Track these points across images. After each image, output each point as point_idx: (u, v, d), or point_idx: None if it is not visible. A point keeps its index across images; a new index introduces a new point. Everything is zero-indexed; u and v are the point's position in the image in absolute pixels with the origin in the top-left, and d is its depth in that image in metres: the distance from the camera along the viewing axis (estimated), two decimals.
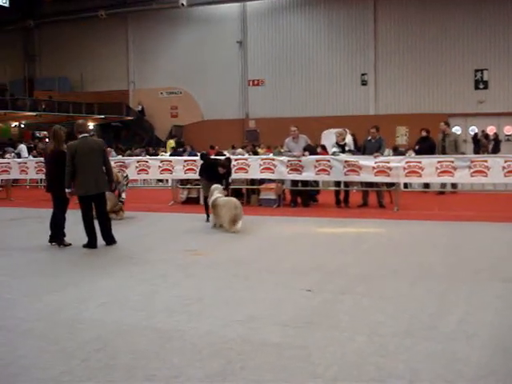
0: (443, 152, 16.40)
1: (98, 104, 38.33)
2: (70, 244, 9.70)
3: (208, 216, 12.13)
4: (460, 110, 31.62)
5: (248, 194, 15.98)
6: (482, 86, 31.73)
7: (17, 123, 37.85)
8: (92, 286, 7.07)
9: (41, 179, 18.20)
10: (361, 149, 15.47)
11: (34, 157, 20.86)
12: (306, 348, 4.78)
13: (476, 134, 30.08)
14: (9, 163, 18.71)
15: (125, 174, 14.24)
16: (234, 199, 11.31)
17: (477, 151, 27.67)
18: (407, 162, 13.84)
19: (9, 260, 8.77)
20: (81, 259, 8.92)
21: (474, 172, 13.14)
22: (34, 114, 35.48)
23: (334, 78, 34.70)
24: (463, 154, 17.48)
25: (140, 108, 39.53)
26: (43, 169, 13.13)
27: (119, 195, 13.50)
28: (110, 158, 13.79)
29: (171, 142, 28.68)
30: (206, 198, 12.44)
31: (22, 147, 24.34)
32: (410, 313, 5.65)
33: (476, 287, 6.60)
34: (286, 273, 7.53)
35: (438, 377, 4.14)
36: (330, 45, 34.75)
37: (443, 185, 15.75)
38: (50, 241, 9.83)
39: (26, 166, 18.37)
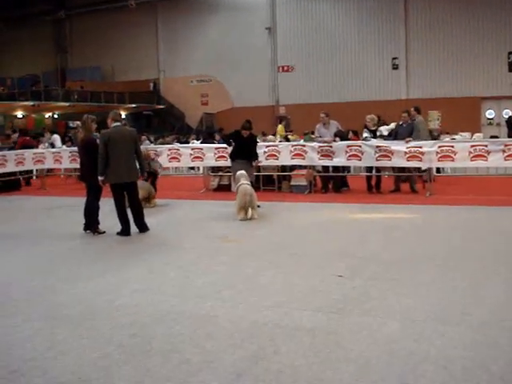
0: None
1: (130, 93, 38.59)
2: (104, 232, 9.85)
3: None
4: (493, 93, 31.05)
5: (279, 181, 15.98)
6: None
7: (50, 114, 38.31)
8: (126, 272, 7.18)
9: (75, 168, 18.42)
10: (392, 134, 15.31)
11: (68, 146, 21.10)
12: (339, 333, 4.80)
13: (510, 118, 29.53)
14: (43, 153, 18.98)
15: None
16: (247, 186, 11.07)
17: (510, 135, 27.19)
18: (440, 147, 13.69)
19: (46, 248, 8.94)
20: (115, 247, 9.06)
21: (508, 156, 12.94)
22: (67, 104, 35.86)
23: (365, 63, 34.33)
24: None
25: (152, 86, 39.58)
26: (77, 158, 13.29)
27: (154, 177, 13.75)
28: (143, 146, 13.97)
29: (281, 128, 26.17)
30: None
31: (56, 137, 24.58)
32: (443, 299, 5.63)
33: (509, 274, 6.53)
34: (317, 259, 7.55)
35: (472, 363, 4.13)
36: (360, 29, 34.35)
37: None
38: (85, 229, 9.99)
39: (60, 155, 18.63)
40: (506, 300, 5.55)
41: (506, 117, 29.93)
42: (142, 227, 9.86)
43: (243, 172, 11.53)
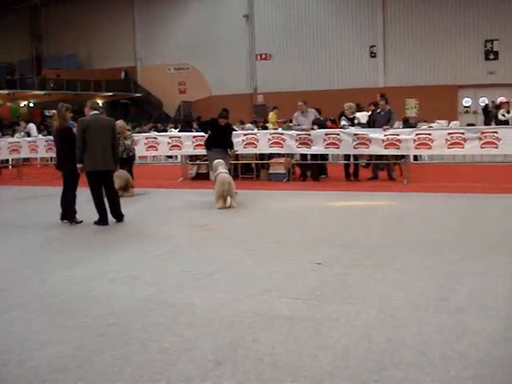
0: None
1: (106, 81, 38.22)
2: (82, 221, 9.77)
3: None
4: (470, 81, 31.27)
5: (257, 169, 15.97)
6: (492, 57, 31.33)
7: (26, 102, 37.82)
8: (104, 262, 7.13)
9: (51, 157, 18.24)
10: (370, 122, 15.35)
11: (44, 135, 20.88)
12: (317, 321, 4.81)
13: (486, 106, 29.78)
14: (19, 142, 18.76)
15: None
16: (225, 175, 11.12)
17: (487, 123, 27.44)
18: (417, 135, 13.77)
19: (22, 238, 8.85)
20: (92, 236, 8.99)
21: (485, 143, 13.06)
22: (43, 92, 35.42)
23: (343, 51, 34.36)
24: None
25: (124, 74, 39.29)
26: (53, 147, 13.15)
27: (130, 165, 13.63)
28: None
29: (272, 115, 24.93)
30: None
31: (32, 126, 24.33)
32: (421, 285, 5.67)
33: (487, 260, 6.59)
34: (296, 246, 7.56)
35: (450, 348, 4.16)
36: (338, 17, 34.34)
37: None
38: (62, 218, 9.90)
39: (36, 144, 18.42)
40: (483, 286, 5.60)
41: (483, 105, 30.21)
42: (118, 217, 9.79)
43: (221, 161, 11.53)
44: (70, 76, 37.92)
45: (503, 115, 20.55)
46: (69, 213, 9.81)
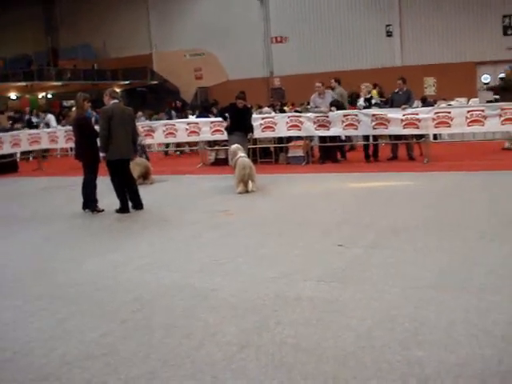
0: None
1: (123, 70, 38.32)
2: (103, 210, 9.84)
3: None
4: (489, 57, 30.84)
5: (276, 153, 15.94)
6: (510, 32, 30.86)
7: (44, 94, 38.08)
8: (127, 249, 7.20)
9: (71, 148, 18.36)
10: (388, 101, 15.25)
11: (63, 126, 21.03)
12: (340, 302, 4.83)
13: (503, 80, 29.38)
14: (38, 133, 18.91)
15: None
16: (246, 159, 11.14)
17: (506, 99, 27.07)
18: (436, 113, 13.65)
19: (46, 228, 8.95)
20: (115, 224, 9.07)
21: (505, 120, 12.91)
22: (60, 83, 35.64)
23: (359, 31, 34.04)
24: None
25: None
26: (72, 137, 13.25)
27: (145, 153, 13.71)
28: (138, 123, 13.92)
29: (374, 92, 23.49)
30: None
31: (50, 117, 24.48)
32: (443, 265, 5.65)
33: (507, 239, 6.55)
34: (317, 229, 7.56)
35: (473, 326, 4.16)
36: None
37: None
38: (84, 208, 9.98)
39: (56, 135, 18.55)
40: (505, 264, 5.57)
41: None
42: (138, 204, 9.84)
43: (239, 145, 11.50)
44: (86, 66, 38.08)
45: None
46: (90, 202, 9.89)
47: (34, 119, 25.01)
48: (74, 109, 13.36)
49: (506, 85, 14.49)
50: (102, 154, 9.59)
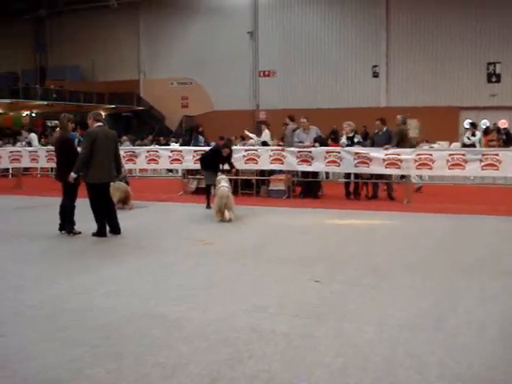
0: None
1: (109, 93, 38.36)
2: (80, 232, 9.73)
3: (209, 204, 12.62)
4: (472, 103, 31.40)
5: (258, 185, 15.96)
6: (494, 79, 31.50)
7: (28, 112, 37.92)
8: (102, 273, 7.09)
9: (51, 168, 18.24)
10: (369, 142, 15.41)
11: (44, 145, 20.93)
12: (315, 338, 4.78)
13: (487, 128, 29.86)
14: (19, 152, 18.76)
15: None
16: (225, 189, 11.27)
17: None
18: (418, 155, 13.78)
19: (20, 247, 8.81)
20: (91, 247, 8.96)
21: (485, 165, 13.07)
22: (45, 103, 35.54)
23: (346, 70, 34.55)
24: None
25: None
26: (54, 157, 13.16)
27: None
28: (121, 148, 13.88)
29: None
30: (207, 187, 12.99)
31: (33, 136, 24.35)
32: (419, 305, 5.64)
33: (484, 281, 6.57)
34: (294, 263, 7.53)
35: (447, 368, 4.13)
36: (342, 36, 34.58)
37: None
38: (60, 229, 9.85)
39: (37, 154, 18.42)
40: (481, 304, 5.57)
41: (484, 127, 30.26)
42: (116, 229, 9.74)
43: (223, 176, 11.88)
44: (73, 87, 38.07)
45: (468, 138, 20.00)
46: (67, 223, 9.77)
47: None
48: (57, 129, 13.24)
49: (400, 136, 14.55)
50: (73, 175, 9.33)
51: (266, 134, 18.57)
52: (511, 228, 10.50)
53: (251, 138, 18.58)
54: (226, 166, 13.14)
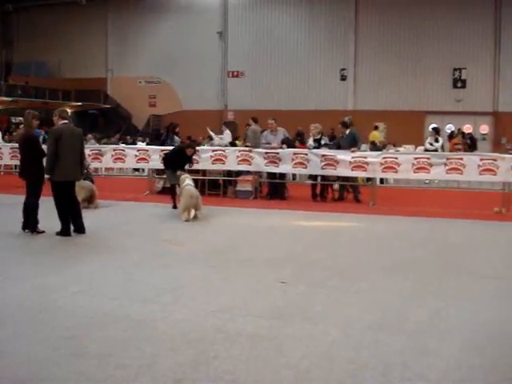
0: None
1: (76, 91, 37.87)
2: (44, 231, 9.57)
3: (175, 204, 12.56)
4: (437, 107, 31.81)
5: (225, 186, 15.93)
6: (459, 85, 31.97)
7: None
8: (65, 274, 6.99)
9: (15, 165, 17.93)
10: (335, 145, 15.51)
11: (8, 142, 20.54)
12: (280, 340, 4.78)
13: (452, 132, 30.32)
14: None
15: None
16: (192, 188, 11.32)
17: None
18: (384, 158, 13.92)
19: None
20: (54, 247, 8.83)
21: (450, 169, 13.26)
22: (10, 99, 34.93)
23: (314, 72, 34.66)
24: None
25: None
26: (18, 155, 12.93)
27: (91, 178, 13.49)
28: (87, 146, 13.72)
29: (376, 134, 23.06)
30: (172, 186, 12.94)
31: None
32: (384, 307, 5.69)
33: (449, 283, 6.66)
34: (261, 265, 7.53)
35: (408, 370, 4.17)
36: (311, 38, 34.68)
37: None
38: (23, 228, 9.68)
39: (1, 151, 18.08)
40: (445, 307, 5.64)
41: (449, 131, 30.73)
42: (80, 228, 9.62)
43: (187, 174, 11.96)
44: (38, 84, 37.47)
45: (431, 144, 19.91)
46: (31, 222, 9.61)
47: None
48: (22, 126, 13.04)
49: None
50: (46, 176, 9.33)
51: (226, 135, 18.70)
52: (472, 231, 10.66)
53: (210, 136, 19.62)
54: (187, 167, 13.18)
